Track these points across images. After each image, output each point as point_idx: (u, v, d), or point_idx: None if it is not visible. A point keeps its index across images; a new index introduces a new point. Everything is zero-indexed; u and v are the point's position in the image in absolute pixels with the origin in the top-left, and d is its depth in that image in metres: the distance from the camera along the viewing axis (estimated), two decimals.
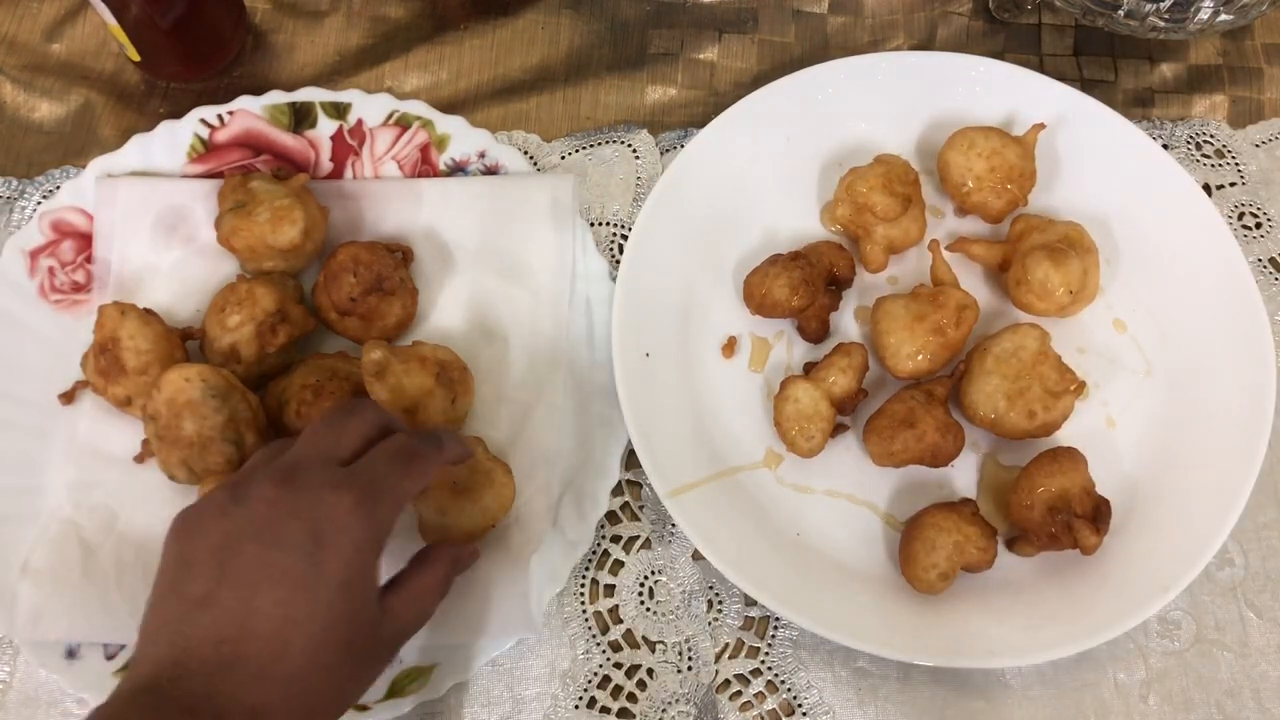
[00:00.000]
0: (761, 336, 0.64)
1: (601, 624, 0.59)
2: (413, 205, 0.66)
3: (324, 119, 0.69)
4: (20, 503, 0.59)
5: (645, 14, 0.76)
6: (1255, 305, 0.60)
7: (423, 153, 0.68)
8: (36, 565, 0.57)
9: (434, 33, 0.75)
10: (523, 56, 0.75)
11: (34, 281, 0.64)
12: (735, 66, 0.74)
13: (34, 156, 0.71)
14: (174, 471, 0.57)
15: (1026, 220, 0.64)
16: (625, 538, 0.60)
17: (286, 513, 0.44)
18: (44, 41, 0.75)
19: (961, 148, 0.64)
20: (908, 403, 0.58)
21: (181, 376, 0.55)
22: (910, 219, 0.64)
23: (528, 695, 0.57)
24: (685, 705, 0.57)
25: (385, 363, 0.56)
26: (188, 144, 0.68)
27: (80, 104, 0.73)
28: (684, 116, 0.72)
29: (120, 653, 0.56)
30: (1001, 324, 0.61)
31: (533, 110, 0.73)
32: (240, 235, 0.61)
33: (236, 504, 0.44)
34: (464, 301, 0.64)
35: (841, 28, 0.76)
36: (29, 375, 0.61)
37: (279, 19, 0.76)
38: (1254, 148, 0.71)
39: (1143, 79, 0.74)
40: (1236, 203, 0.70)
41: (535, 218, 0.65)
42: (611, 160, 0.70)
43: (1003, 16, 0.76)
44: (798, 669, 0.57)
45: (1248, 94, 0.73)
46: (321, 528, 0.44)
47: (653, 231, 0.63)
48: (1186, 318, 0.63)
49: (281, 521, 0.43)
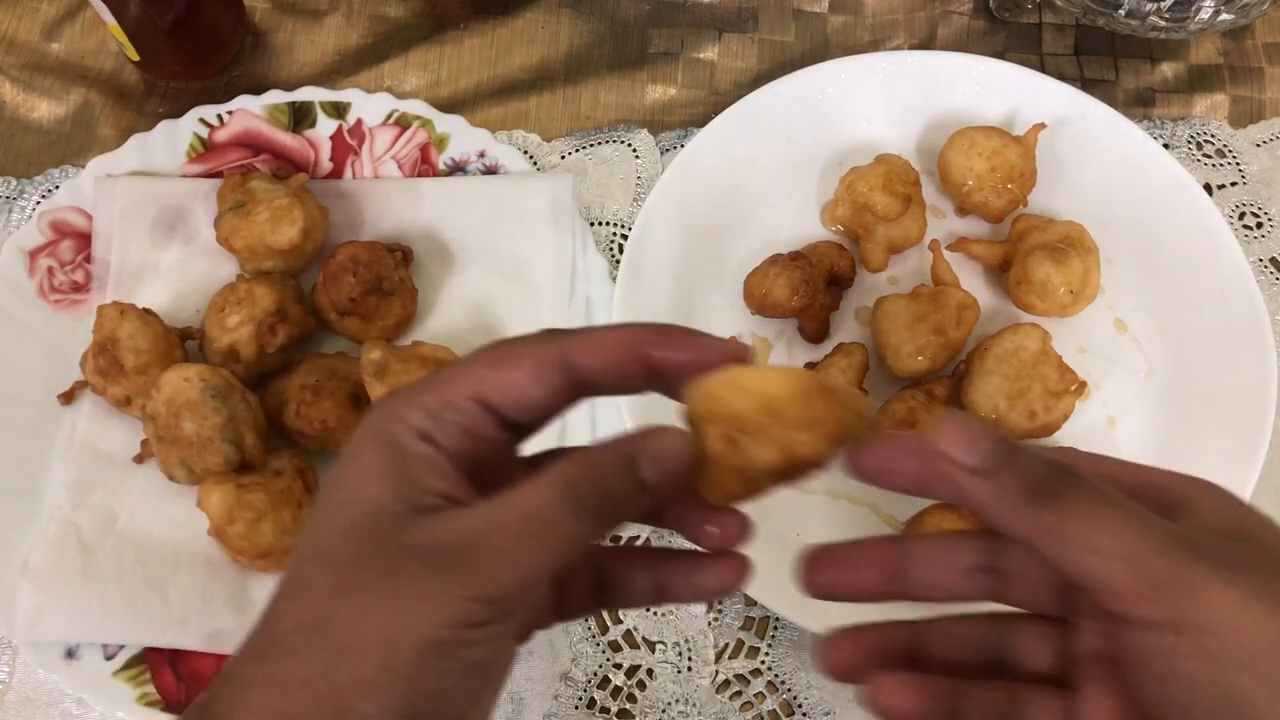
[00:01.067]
0: (762, 336, 0.64)
1: (601, 624, 0.58)
2: (412, 205, 0.66)
3: (323, 118, 0.69)
4: (19, 503, 0.59)
5: (645, 13, 0.76)
6: (1256, 305, 0.60)
7: (422, 152, 0.68)
8: (35, 565, 0.57)
9: (433, 32, 0.75)
10: (522, 56, 0.74)
11: (33, 281, 0.64)
12: (735, 66, 0.74)
13: (33, 156, 0.71)
14: (173, 471, 0.57)
15: (1027, 220, 0.64)
16: (625, 538, 0.60)
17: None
18: (43, 41, 0.75)
19: (962, 147, 0.64)
20: (908, 403, 0.58)
21: (181, 376, 0.55)
22: (911, 219, 0.64)
23: (528, 696, 0.57)
24: (685, 705, 0.57)
25: (385, 363, 0.56)
26: (187, 143, 0.68)
27: (79, 103, 0.73)
28: (684, 116, 0.72)
29: (119, 653, 0.56)
30: (1002, 324, 0.61)
31: (532, 110, 0.72)
32: (239, 235, 0.61)
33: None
34: (464, 301, 0.64)
35: (842, 27, 0.76)
36: (28, 375, 0.61)
37: (278, 18, 0.76)
38: (1255, 147, 0.71)
39: (1143, 78, 0.74)
40: (1237, 202, 0.69)
41: (535, 217, 0.65)
42: (611, 160, 0.70)
43: (1003, 16, 0.75)
44: (798, 669, 0.57)
45: (1249, 93, 0.73)
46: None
47: (653, 231, 0.63)
48: (1187, 318, 0.63)
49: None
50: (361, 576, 0.29)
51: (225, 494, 0.54)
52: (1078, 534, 0.28)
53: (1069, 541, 0.29)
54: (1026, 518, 0.29)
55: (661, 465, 0.30)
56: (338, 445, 0.59)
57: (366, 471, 0.30)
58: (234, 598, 0.57)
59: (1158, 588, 0.27)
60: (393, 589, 0.28)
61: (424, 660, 0.28)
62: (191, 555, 0.57)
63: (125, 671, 0.56)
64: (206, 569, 0.57)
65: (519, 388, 0.31)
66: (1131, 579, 0.28)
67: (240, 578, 0.57)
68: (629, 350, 0.31)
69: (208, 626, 0.56)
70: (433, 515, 0.29)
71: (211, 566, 0.57)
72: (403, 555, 0.29)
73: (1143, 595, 0.28)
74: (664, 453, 0.30)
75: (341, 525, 0.30)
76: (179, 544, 0.58)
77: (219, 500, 0.54)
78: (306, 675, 0.29)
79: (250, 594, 0.57)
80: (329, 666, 0.28)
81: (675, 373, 0.31)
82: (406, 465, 0.30)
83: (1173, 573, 0.27)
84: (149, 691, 0.55)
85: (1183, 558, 0.28)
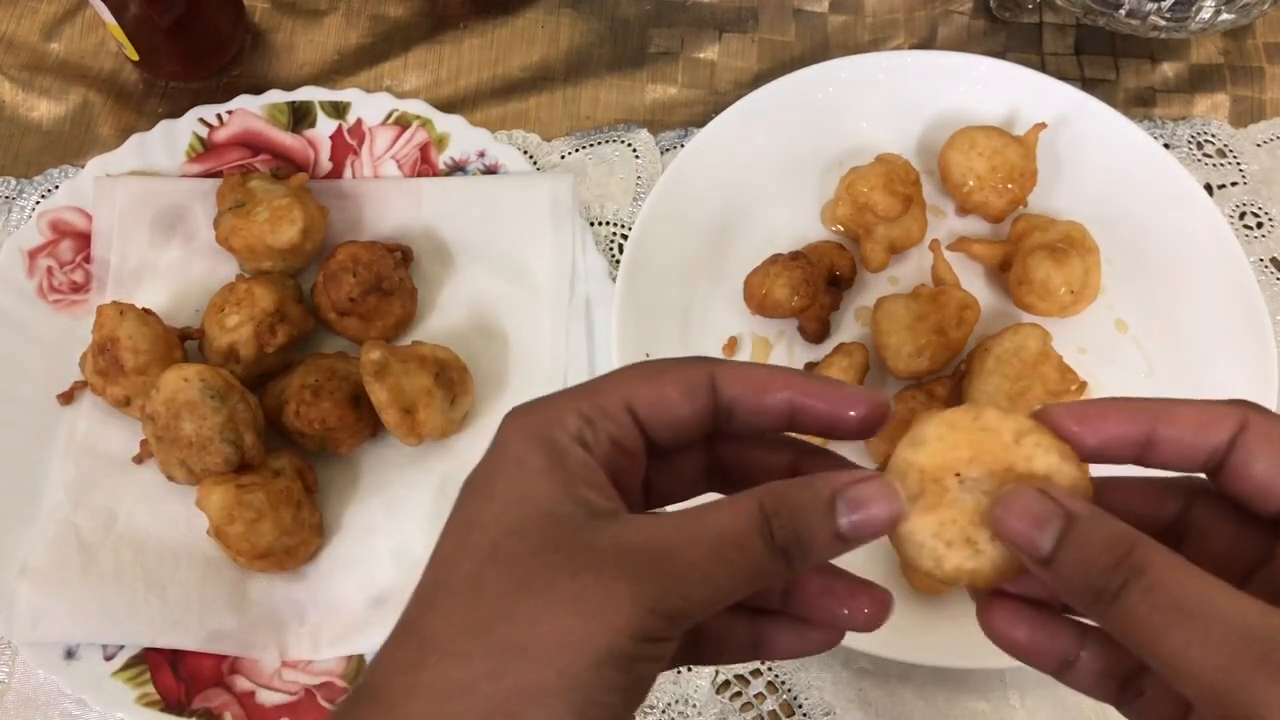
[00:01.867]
0: (762, 336, 0.64)
1: None
2: (412, 205, 0.66)
3: (323, 118, 0.69)
4: (18, 503, 0.59)
5: (645, 13, 0.76)
6: (1257, 305, 0.60)
7: (422, 152, 0.68)
8: (35, 566, 0.56)
9: (433, 31, 0.75)
10: (522, 55, 0.74)
11: (32, 281, 0.64)
12: (735, 65, 0.74)
13: (32, 156, 0.71)
14: (173, 472, 0.56)
15: (1028, 220, 0.64)
16: None
17: None
18: (43, 40, 0.75)
19: (962, 147, 0.64)
20: (909, 403, 0.58)
21: (180, 376, 0.55)
22: (911, 218, 0.64)
23: None
24: (685, 706, 0.57)
25: (384, 363, 0.56)
26: (186, 143, 0.68)
27: (79, 103, 0.73)
28: (684, 116, 0.72)
29: (119, 653, 0.56)
30: (1003, 324, 0.61)
31: (532, 109, 0.72)
32: (239, 235, 0.61)
33: None
34: (463, 301, 0.64)
35: (842, 27, 0.76)
36: (27, 375, 0.61)
37: (278, 18, 0.76)
38: (1255, 147, 0.71)
39: (1144, 78, 0.74)
40: (1238, 202, 0.69)
41: (535, 217, 0.65)
42: (611, 160, 0.70)
43: (1004, 15, 0.75)
44: (798, 669, 0.57)
45: (1249, 93, 0.73)
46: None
47: (653, 231, 0.62)
48: (1188, 318, 0.62)
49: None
50: (543, 574, 0.27)
51: (224, 494, 0.54)
52: (1138, 641, 0.26)
53: (1132, 645, 0.27)
54: (1092, 613, 0.28)
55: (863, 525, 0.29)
56: (337, 445, 0.59)
57: (533, 472, 0.29)
58: (233, 598, 0.57)
59: (1221, 705, 0.25)
60: (578, 589, 0.27)
61: (601, 671, 0.26)
62: (191, 555, 0.57)
63: (125, 672, 0.56)
64: (206, 569, 0.57)
65: (669, 403, 0.30)
66: (1195, 695, 0.26)
67: (240, 578, 0.57)
68: (776, 387, 0.31)
69: (207, 627, 0.56)
70: (611, 519, 0.28)
71: (211, 567, 0.57)
72: (588, 555, 0.27)
73: (1210, 711, 0.26)
74: (869, 510, 0.29)
75: (513, 523, 0.28)
76: (178, 544, 0.58)
77: (218, 500, 0.54)
78: (470, 679, 0.26)
79: (250, 594, 0.57)
80: (497, 671, 0.26)
81: (813, 420, 0.31)
82: (569, 468, 0.29)
83: (1231, 695, 0.25)
84: (148, 692, 0.55)
85: (1243, 678, 0.25)
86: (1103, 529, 0.27)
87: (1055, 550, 0.27)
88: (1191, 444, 0.29)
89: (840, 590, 0.32)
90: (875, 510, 0.29)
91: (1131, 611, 0.26)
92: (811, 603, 0.33)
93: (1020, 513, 0.28)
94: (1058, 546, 0.27)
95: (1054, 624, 0.31)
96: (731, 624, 0.34)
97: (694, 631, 0.32)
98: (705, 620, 0.30)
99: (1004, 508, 0.28)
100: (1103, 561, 0.27)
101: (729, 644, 0.34)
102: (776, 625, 0.33)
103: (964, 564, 0.29)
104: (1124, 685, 0.31)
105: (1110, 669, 0.31)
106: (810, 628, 0.33)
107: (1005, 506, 0.28)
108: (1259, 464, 0.29)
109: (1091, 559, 0.27)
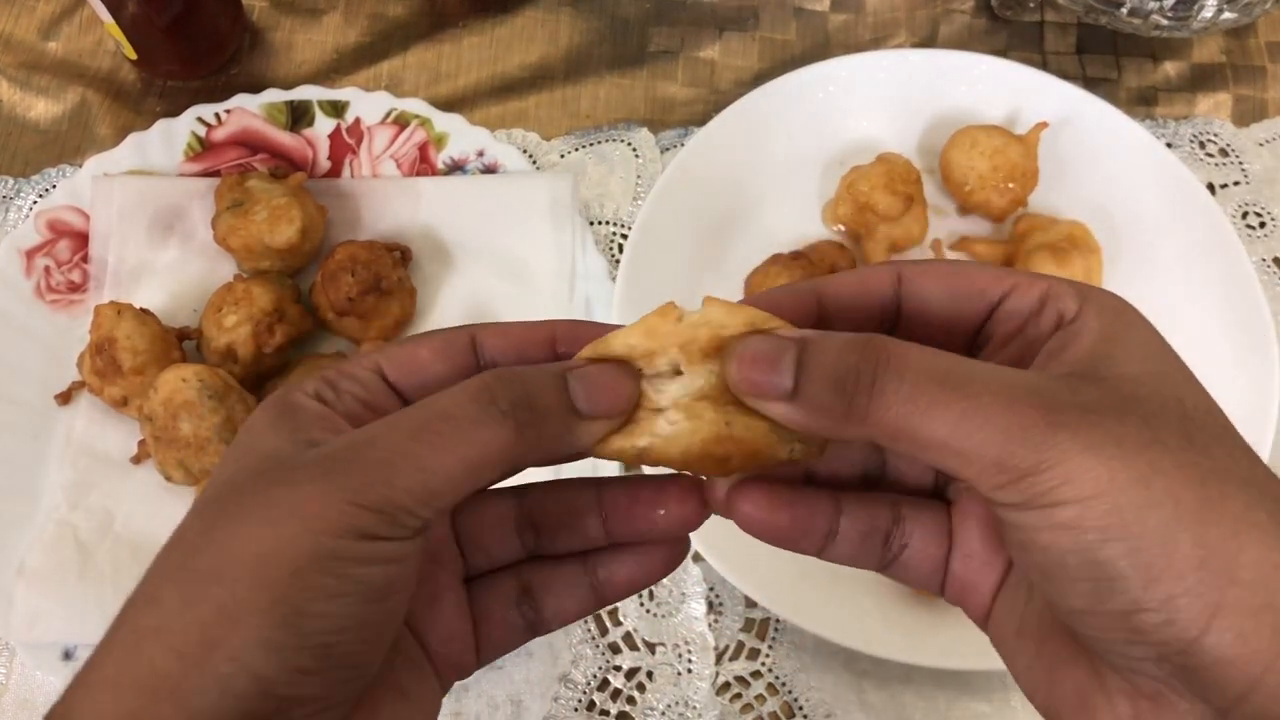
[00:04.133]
0: None
1: (601, 626, 0.58)
2: (411, 204, 0.66)
3: (322, 117, 0.69)
4: (16, 504, 0.58)
5: (645, 11, 0.76)
6: (1259, 305, 0.60)
7: (421, 151, 0.68)
8: (33, 566, 0.56)
9: (432, 30, 0.75)
10: (522, 54, 0.74)
11: (30, 281, 0.63)
12: (736, 64, 0.74)
13: (30, 155, 0.71)
14: (171, 472, 0.56)
15: (1029, 219, 0.63)
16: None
17: None
18: (40, 39, 0.75)
19: (964, 146, 0.64)
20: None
21: (178, 377, 0.55)
22: (912, 218, 0.63)
23: (527, 698, 0.57)
24: (685, 708, 0.56)
25: None
26: (184, 143, 0.68)
27: (76, 102, 0.72)
28: (684, 115, 0.72)
29: None
30: None
31: (532, 108, 0.72)
32: (237, 234, 0.61)
33: None
34: (463, 301, 0.64)
35: (843, 26, 0.76)
36: (25, 375, 0.61)
37: (277, 17, 0.75)
38: (1258, 146, 0.71)
39: (1146, 77, 0.73)
40: (1240, 202, 0.69)
41: (534, 217, 0.65)
42: (611, 159, 0.70)
43: (1005, 14, 0.75)
44: (798, 671, 0.57)
45: (1251, 93, 0.73)
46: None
47: (653, 231, 0.62)
48: (1190, 317, 0.62)
49: None
50: (238, 499, 0.26)
51: None
52: (907, 432, 0.25)
53: (901, 440, 0.26)
54: (852, 424, 0.26)
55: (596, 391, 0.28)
56: None
57: (259, 430, 0.28)
58: None
59: (1004, 472, 0.25)
60: (270, 500, 0.25)
61: (306, 577, 0.24)
62: None
63: None
64: None
65: (420, 361, 0.30)
66: (975, 471, 0.25)
67: None
68: (537, 339, 0.31)
69: None
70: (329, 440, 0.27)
71: None
72: (285, 471, 0.26)
73: (992, 482, 0.25)
74: (600, 379, 0.28)
75: (230, 475, 0.27)
76: None
77: None
78: (160, 619, 0.24)
79: None
80: (189, 601, 0.24)
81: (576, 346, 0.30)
82: (298, 418, 0.28)
83: (1016, 455, 0.25)
84: None
85: (1027, 435, 0.25)
86: (836, 338, 0.27)
87: (798, 378, 0.26)
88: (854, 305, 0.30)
89: (647, 495, 0.31)
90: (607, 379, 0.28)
91: (892, 402, 0.25)
92: (626, 520, 0.31)
93: (753, 359, 0.27)
94: (799, 373, 0.26)
95: (809, 498, 0.30)
96: (557, 572, 0.32)
97: (522, 594, 0.32)
98: (534, 579, 0.32)
99: (737, 361, 0.27)
100: (847, 361, 0.26)
101: (564, 595, 0.32)
102: (610, 559, 0.32)
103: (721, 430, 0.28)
104: (886, 542, 0.31)
105: (871, 527, 0.31)
106: (643, 551, 0.32)
107: (738, 360, 0.27)
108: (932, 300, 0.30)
109: (835, 364, 0.26)
